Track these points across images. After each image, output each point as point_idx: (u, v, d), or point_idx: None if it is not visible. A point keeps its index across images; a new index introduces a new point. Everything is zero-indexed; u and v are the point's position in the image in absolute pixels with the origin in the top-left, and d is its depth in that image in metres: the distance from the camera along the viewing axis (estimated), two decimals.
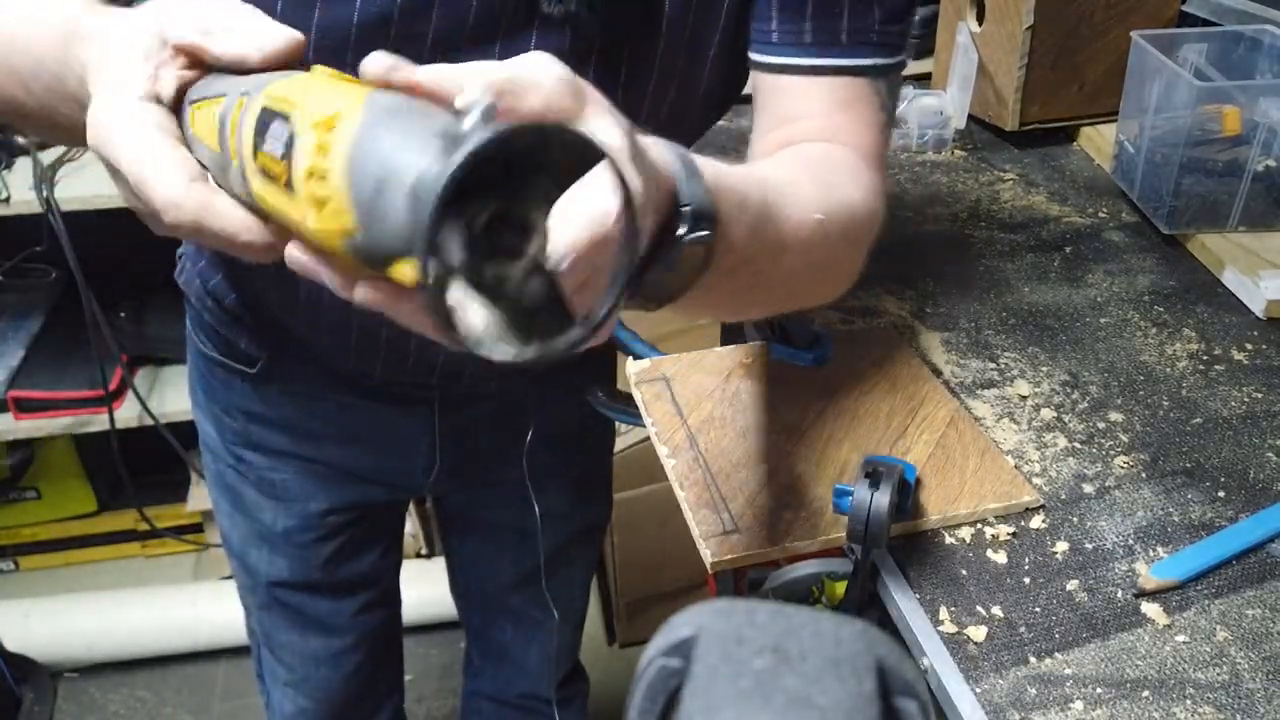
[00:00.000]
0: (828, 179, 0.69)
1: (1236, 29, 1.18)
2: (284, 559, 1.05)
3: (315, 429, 0.97)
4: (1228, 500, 0.77)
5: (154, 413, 1.83)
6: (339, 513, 1.03)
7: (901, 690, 0.27)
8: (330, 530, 1.04)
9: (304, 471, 1.00)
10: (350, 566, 1.10)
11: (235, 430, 0.99)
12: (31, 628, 1.93)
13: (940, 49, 1.43)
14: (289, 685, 1.17)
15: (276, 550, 1.05)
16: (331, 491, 1.01)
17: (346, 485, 1.02)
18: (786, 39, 0.75)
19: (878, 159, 0.77)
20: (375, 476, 1.02)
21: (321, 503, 1.02)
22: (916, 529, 0.74)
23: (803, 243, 0.64)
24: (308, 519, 1.02)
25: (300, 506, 1.02)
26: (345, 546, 1.07)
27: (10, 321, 1.93)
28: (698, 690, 0.26)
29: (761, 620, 0.28)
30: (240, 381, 0.96)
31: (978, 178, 1.27)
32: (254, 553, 1.05)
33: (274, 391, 0.95)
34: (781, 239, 0.62)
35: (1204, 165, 1.07)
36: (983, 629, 0.67)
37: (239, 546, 1.07)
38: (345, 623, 1.14)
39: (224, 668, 2.03)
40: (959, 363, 0.92)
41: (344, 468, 1.00)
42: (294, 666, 1.15)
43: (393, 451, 1.00)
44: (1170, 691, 0.63)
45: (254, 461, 1.00)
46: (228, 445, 1.01)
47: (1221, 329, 0.97)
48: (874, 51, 0.75)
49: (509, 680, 1.30)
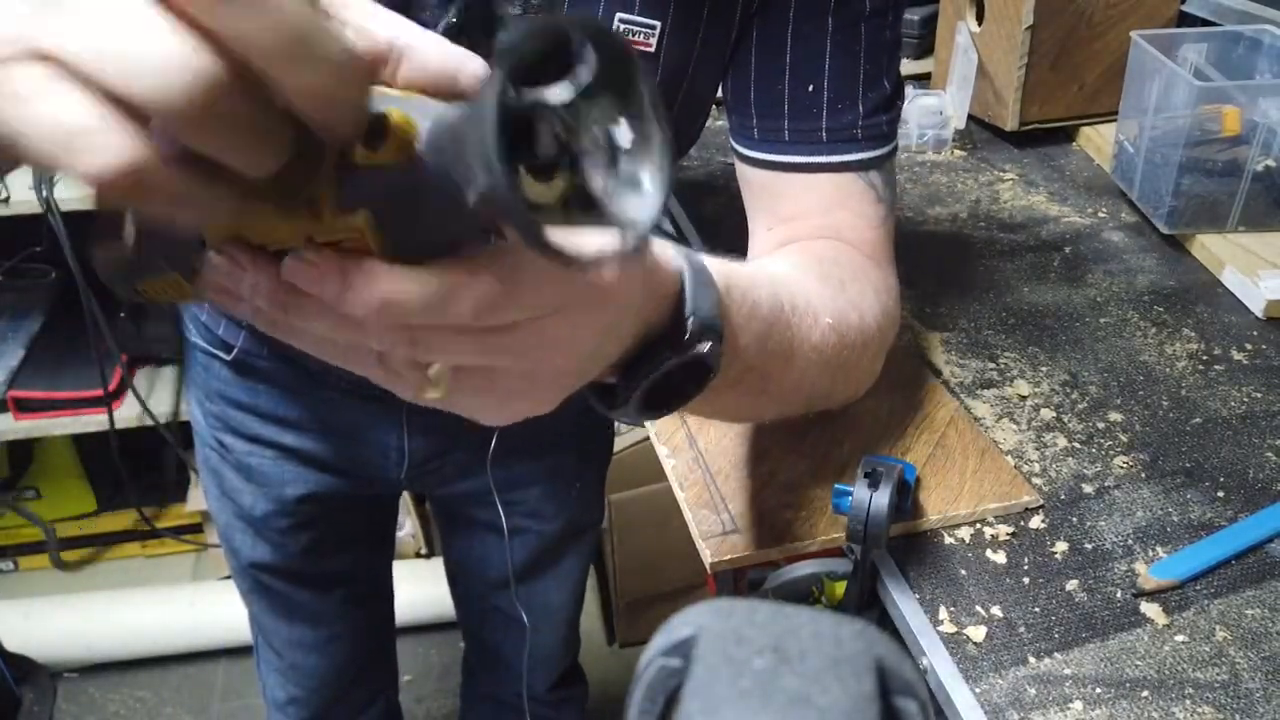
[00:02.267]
0: (839, 278, 0.69)
1: (1236, 29, 1.18)
2: (265, 543, 1.07)
3: (290, 418, 0.99)
4: (1227, 500, 0.77)
5: (153, 413, 1.83)
6: (315, 501, 1.04)
7: (901, 690, 0.28)
8: (307, 518, 1.05)
9: (280, 458, 1.01)
10: (334, 558, 1.11)
11: (216, 415, 1.01)
12: (31, 628, 1.93)
13: (940, 49, 1.43)
14: (279, 672, 1.19)
15: (258, 534, 1.06)
16: (307, 479, 1.03)
17: (322, 474, 1.03)
18: (767, 135, 0.75)
19: (883, 255, 0.76)
20: (349, 468, 1.03)
21: (298, 489, 1.03)
22: (916, 529, 0.74)
23: (814, 348, 0.63)
24: (284, 504, 1.04)
25: (276, 492, 1.03)
26: (326, 536, 1.08)
27: (10, 321, 1.93)
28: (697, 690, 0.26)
29: (761, 620, 0.28)
30: (219, 367, 0.97)
31: (977, 178, 1.27)
32: (238, 536, 1.07)
33: (250, 379, 0.97)
34: (791, 345, 0.61)
35: (1204, 165, 1.07)
36: (982, 629, 0.67)
37: (225, 529, 1.09)
38: (332, 613, 1.15)
39: (224, 668, 2.03)
40: (959, 363, 0.92)
41: (318, 457, 1.02)
42: (282, 653, 1.17)
43: (364, 445, 1.01)
44: (1169, 691, 0.63)
45: (233, 446, 1.02)
46: (211, 429, 1.03)
47: (1221, 329, 0.97)
48: (858, 147, 0.74)
49: (504, 680, 1.30)
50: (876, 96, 0.74)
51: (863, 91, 0.73)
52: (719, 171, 1.27)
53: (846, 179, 0.74)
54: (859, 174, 0.74)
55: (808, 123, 0.73)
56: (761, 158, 0.76)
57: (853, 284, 0.70)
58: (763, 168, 0.76)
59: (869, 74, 0.73)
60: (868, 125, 0.74)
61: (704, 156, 1.29)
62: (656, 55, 0.71)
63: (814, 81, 0.72)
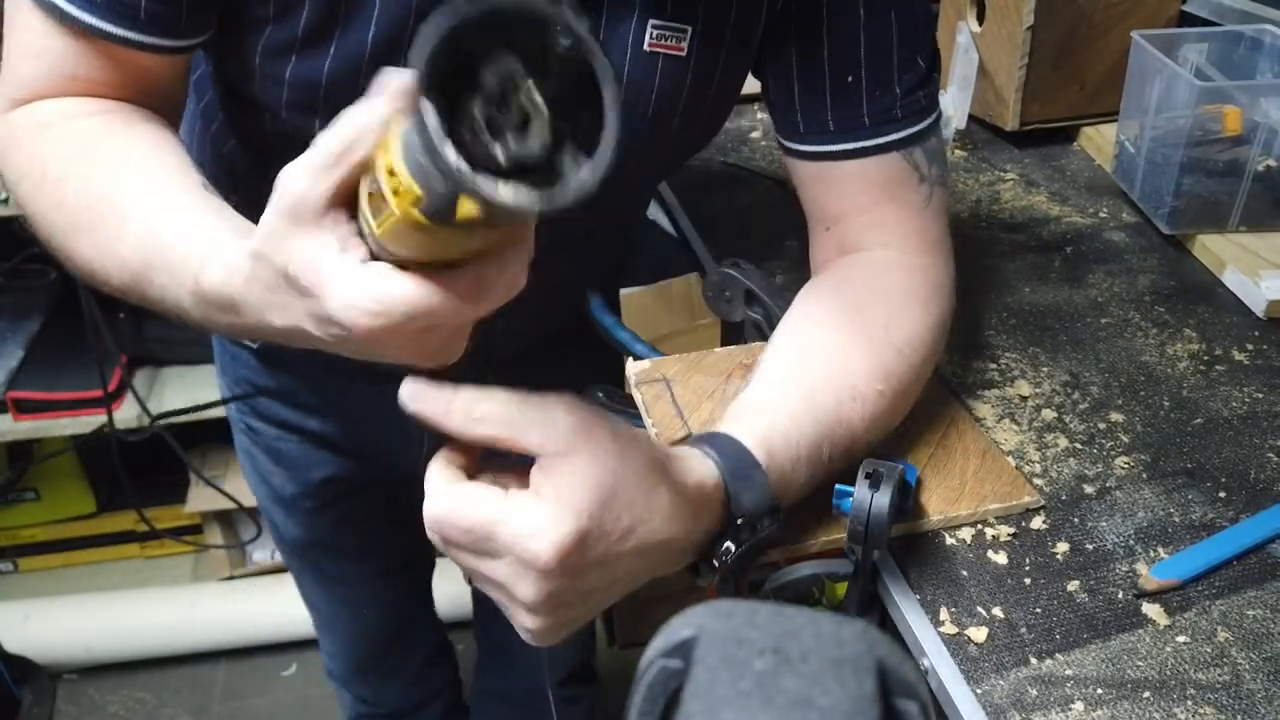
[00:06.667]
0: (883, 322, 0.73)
1: (1237, 29, 1.17)
2: (295, 522, 1.12)
3: (315, 404, 1.02)
4: (1228, 501, 0.77)
5: (153, 413, 1.82)
6: (339, 482, 1.08)
7: (902, 691, 0.27)
8: (332, 498, 1.10)
9: (304, 442, 1.05)
10: (362, 535, 1.17)
11: (245, 401, 1.05)
12: (31, 629, 1.93)
13: (940, 49, 1.43)
14: (319, 627, 1.29)
15: (289, 513, 1.12)
16: (331, 462, 1.07)
17: (345, 458, 1.07)
18: (812, 128, 0.78)
19: (931, 239, 0.79)
20: (371, 452, 1.06)
21: (322, 471, 1.07)
22: (917, 530, 0.74)
23: (867, 421, 0.70)
24: (310, 486, 1.08)
25: (303, 474, 1.08)
26: (352, 515, 1.13)
27: (10, 322, 1.93)
28: (698, 691, 0.26)
29: (762, 621, 0.28)
30: (247, 355, 1.01)
31: (978, 178, 1.27)
32: (274, 511, 1.14)
33: (276, 367, 1.00)
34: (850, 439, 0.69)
35: (1205, 165, 1.07)
36: (983, 630, 0.67)
37: (263, 505, 1.16)
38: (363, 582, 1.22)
39: (224, 668, 2.03)
40: (960, 363, 0.92)
41: (340, 442, 1.05)
42: (320, 609, 1.26)
43: (385, 430, 1.02)
44: (1171, 692, 0.63)
45: (262, 431, 1.06)
46: (241, 415, 1.08)
47: (1222, 329, 0.97)
48: (899, 126, 0.77)
49: (514, 677, 1.31)
50: (912, 76, 0.76)
51: (898, 75, 0.76)
52: (719, 172, 1.27)
53: (891, 161, 0.77)
54: (902, 154, 0.77)
55: (849, 110, 0.76)
56: (809, 149, 0.79)
57: (896, 319, 0.74)
58: (811, 159, 0.79)
59: (904, 57, 0.76)
60: (906, 104, 0.76)
61: (704, 156, 1.29)
62: (687, 59, 0.72)
63: (852, 72, 0.75)
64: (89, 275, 0.65)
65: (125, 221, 0.61)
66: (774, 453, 0.63)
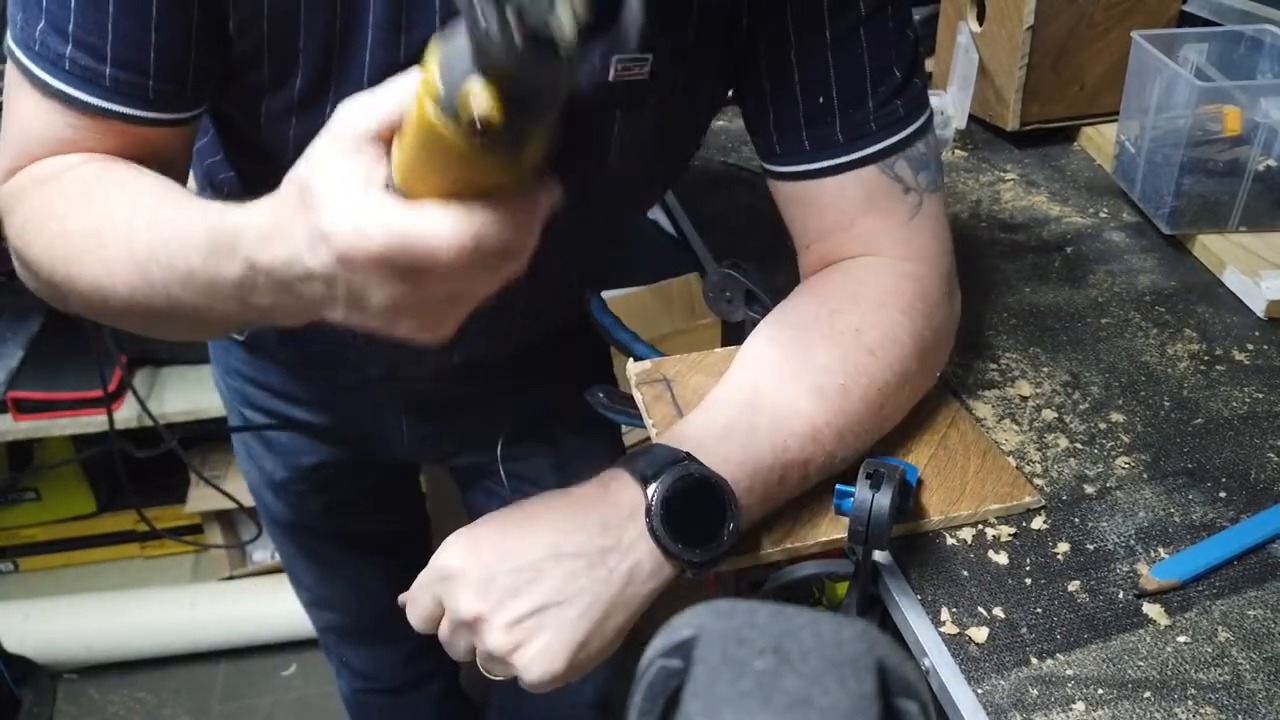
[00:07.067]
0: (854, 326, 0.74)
1: (1237, 29, 1.17)
2: (285, 505, 1.15)
3: (297, 394, 1.04)
4: (1229, 501, 0.77)
5: (153, 413, 1.82)
6: (328, 468, 1.11)
7: (902, 691, 0.27)
8: (321, 483, 1.13)
9: (294, 430, 1.08)
10: (352, 519, 1.20)
11: (235, 390, 1.08)
12: (31, 629, 1.93)
13: (940, 49, 1.43)
14: (311, 606, 1.32)
15: (279, 497, 1.15)
16: (318, 450, 1.09)
17: (331, 446, 1.09)
18: (788, 148, 0.77)
19: (920, 249, 0.78)
20: (355, 441, 1.09)
21: (311, 458, 1.10)
22: (918, 530, 0.74)
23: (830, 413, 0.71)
24: (299, 471, 1.11)
25: (293, 460, 1.10)
26: (342, 499, 1.16)
27: (10, 322, 1.93)
28: (698, 691, 0.26)
29: (762, 621, 0.28)
30: (235, 347, 1.04)
31: (978, 178, 1.27)
32: (265, 494, 1.17)
33: (261, 359, 1.03)
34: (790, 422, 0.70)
35: (1205, 165, 1.07)
36: (984, 630, 0.67)
37: (255, 489, 1.18)
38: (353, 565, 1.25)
39: (223, 669, 2.03)
40: (960, 363, 0.92)
41: (326, 430, 1.07)
42: (310, 588, 1.29)
43: (367, 420, 1.05)
44: (1172, 692, 0.63)
45: (252, 419, 1.09)
46: (234, 402, 1.11)
47: (1222, 329, 0.97)
48: (874, 139, 0.76)
49: None
50: (887, 88, 0.75)
51: (871, 89, 0.75)
52: (719, 172, 1.27)
53: (870, 175, 0.76)
54: (881, 167, 0.76)
55: (823, 129, 0.76)
56: (787, 170, 0.78)
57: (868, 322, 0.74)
58: (790, 180, 0.79)
59: (877, 70, 0.74)
60: (880, 116, 0.75)
61: (704, 156, 1.29)
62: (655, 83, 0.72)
63: (824, 94, 0.75)
64: (92, 297, 0.65)
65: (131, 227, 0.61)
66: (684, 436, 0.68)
